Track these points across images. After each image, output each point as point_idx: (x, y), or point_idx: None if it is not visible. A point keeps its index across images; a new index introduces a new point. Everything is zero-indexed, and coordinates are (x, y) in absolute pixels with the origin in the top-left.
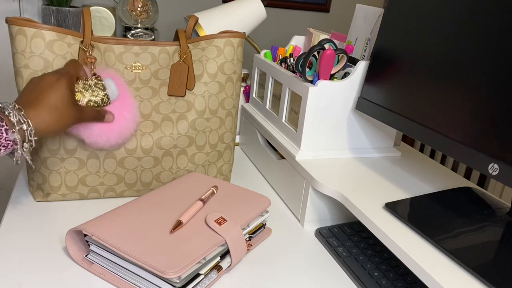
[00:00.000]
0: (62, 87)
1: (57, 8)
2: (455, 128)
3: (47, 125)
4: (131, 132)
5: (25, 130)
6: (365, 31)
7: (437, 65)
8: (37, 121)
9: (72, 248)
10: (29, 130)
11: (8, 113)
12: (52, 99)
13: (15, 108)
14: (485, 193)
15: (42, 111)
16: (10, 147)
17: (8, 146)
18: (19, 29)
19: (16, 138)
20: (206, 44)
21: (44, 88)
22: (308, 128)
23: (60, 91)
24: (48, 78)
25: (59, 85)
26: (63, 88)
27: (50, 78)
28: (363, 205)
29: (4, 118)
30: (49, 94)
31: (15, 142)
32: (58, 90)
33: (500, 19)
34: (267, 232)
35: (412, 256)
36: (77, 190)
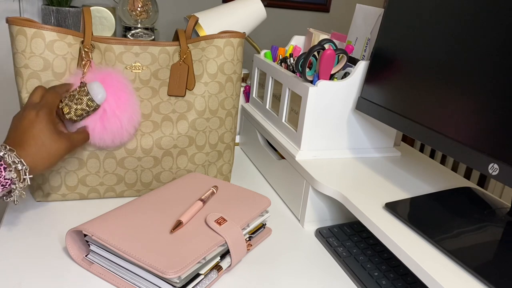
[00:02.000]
0: (42, 122)
1: (57, 8)
2: (455, 128)
3: (38, 162)
4: (128, 131)
5: (20, 170)
6: (365, 31)
7: (437, 65)
8: (29, 160)
9: (72, 248)
10: (24, 169)
11: (3, 155)
12: (36, 137)
13: (6, 149)
14: (485, 193)
15: (31, 150)
16: (8, 186)
17: (6, 185)
18: (19, 29)
19: (13, 177)
20: (206, 44)
21: (26, 127)
22: (308, 128)
23: (41, 127)
24: (26, 116)
25: (38, 121)
26: (43, 123)
27: (29, 115)
28: (363, 205)
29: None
30: (32, 133)
31: (12, 181)
32: (38, 126)
33: (500, 18)
34: (267, 232)
35: (412, 256)
36: (77, 190)
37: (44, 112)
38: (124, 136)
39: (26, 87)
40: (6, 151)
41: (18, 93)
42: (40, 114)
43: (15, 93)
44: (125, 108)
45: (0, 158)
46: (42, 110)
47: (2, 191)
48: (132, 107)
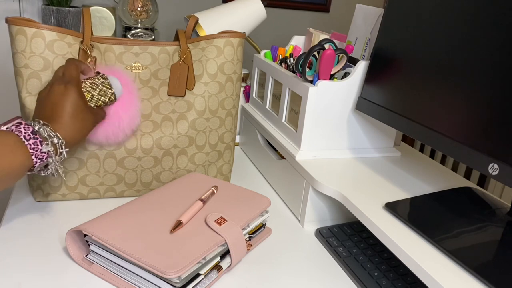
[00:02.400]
0: (72, 95)
1: (57, 8)
2: (455, 128)
3: (72, 135)
4: (125, 132)
5: (56, 144)
6: (365, 31)
7: (437, 65)
8: (64, 133)
9: (72, 248)
10: (60, 142)
11: (38, 128)
12: (68, 110)
13: (41, 123)
14: (485, 193)
15: (64, 123)
16: (45, 159)
17: (43, 158)
18: (19, 29)
19: (50, 151)
20: (206, 44)
21: (56, 101)
22: (308, 128)
23: (72, 99)
24: (55, 90)
25: (69, 94)
26: (73, 96)
27: (58, 89)
28: (363, 205)
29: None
30: (64, 105)
31: (49, 154)
32: (69, 99)
33: (500, 18)
34: (267, 232)
35: (412, 256)
36: (77, 190)
37: (72, 84)
38: (119, 136)
39: (26, 87)
40: (41, 125)
41: (18, 93)
42: (68, 87)
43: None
44: (128, 108)
45: (36, 132)
46: (70, 83)
47: (39, 164)
48: (134, 107)
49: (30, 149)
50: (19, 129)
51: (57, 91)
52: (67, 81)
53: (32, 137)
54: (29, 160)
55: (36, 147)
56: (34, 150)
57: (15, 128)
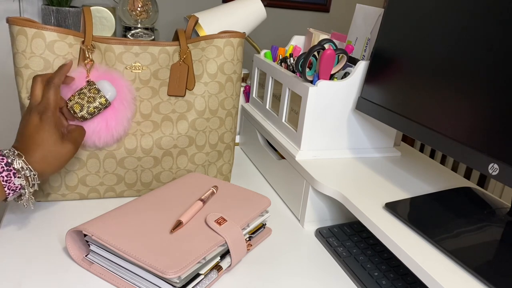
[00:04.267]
0: (46, 128)
1: (57, 8)
2: (455, 128)
3: (46, 167)
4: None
5: (29, 176)
6: (365, 31)
7: (437, 65)
8: (37, 166)
9: (72, 248)
10: (32, 175)
11: (11, 160)
12: (41, 143)
13: (15, 154)
14: (485, 193)
15: (37, 157)
16: (18, 190)
17: (16, 189)
18: (20, 29)
19: (22, 184)
20: (206, 44)
21: (31, 133)
22: (308, 128)
23: (46, 133)
24: (31, 121)
25: (43, 128)
26: (48, 129)
27: (33, 120)
28: (363, 205)
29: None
30: (37, 139)
31: (22, 186)
32: (44, 133)
33: (500, 18)
34: (267, 232)
35: (412, 256)
36: (77, 190)
37: (47, 116)
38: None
39: (26, 87)
40: (14, 156)
41: (18, 93)
42: (43, 119)
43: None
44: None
45: (9, 164)
46: (45, 114)
47: (12, 195)
48: (123, 113)
49: (3, 181)
50: None
51: (32, 122)
52: (42, 111)
53: (5, 169)
54: (2, 191)
55: (9, 179)
56: (7, 183)
57: None
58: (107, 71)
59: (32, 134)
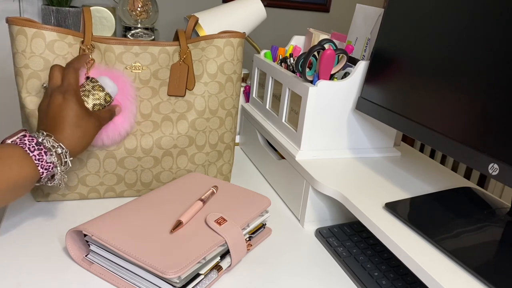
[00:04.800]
0: (71, 105)
1: (57, 8)
2: (455, 128)
3: (76, 144)
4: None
5: (60, 154)
6: (365, 31)
7: (437, 65)
8: (67, 143)
9: (72, 248)
10: (64, 152)
11: (41, 140)
12: (68, 120)
13: (44, 134)
14: (485, 193)
15: (67, 133)
16: (51, 169)
17: (50, 168)
18: (19, 29)
19: (55, 161)
20: (206, 44)
21: (56, 113)
22: (308, 128)
23: (71, 109)
24: (54, 101)
25: (68, 105)
26: (72, 105)
27: (56, 100)
28: (363, 205)
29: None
30: (63, 116)
31: (54, 164)
32: (69, 109)
33: (500, 18)
34: (267, 232)
35: (412, 256)
36: (77, 190)
37: (70, 94)
38: (115, 139)
39: (26, 87)
40: (44, 137)
41: (18, 93)
42: (66, 97)
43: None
44: (132, 105)
45: (40, 143)
46: (68, 93)
47: (46, 174)
48: (129, 111)
49: (35, 160)
50: (24, 141)
51: (55, 102)
52: (65, 90)
53: (36, 148)
54: (36, 171)
55: (41, 158)
56: (40, 161)
57: (20, 141)
58: (108, 69)
59: (58, 113)
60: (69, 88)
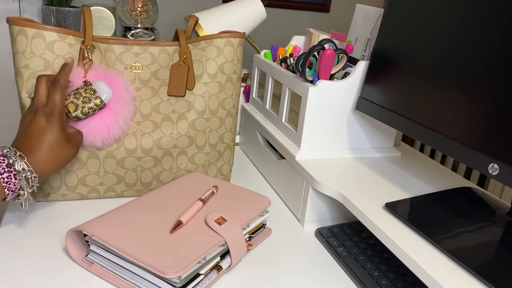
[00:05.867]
0: (53, 130)
1: (57, 8)
2: (455, 128)
3: (47, 169)
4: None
5: (29, 178)
6: (365, 31)
7: (437, 65)
8: (39, 168)
9: (72, 248)
10: (33, 177)
11: (13, 161)
12: (46, 144)
13: (16, 154)
14: (485, 193)
15: (42, 158)
16: (17, 190)
17: (16, 190)
18: (20, 29)
19: (23, 185)
20: (206, 44)
21: (37, 134)
22: (308, 128)
23: (53, 135)
24: (37, 122)
25: (50, 129)
26: (55, 131)
27: (39, 122)
28: (363, 205)
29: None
30: (42, 140)
31: (21, 187)
32: (51, 134)
33: (500, 18)
34: (267, 232)
35: (412, 256)
36: (77, 190)
37: (54, 118)
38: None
39: (26, 87)
40: (16, 158)
41: (18, 93)
42: (50, 121)
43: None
44: (123, 109)
45: (10, 165)
46: (52, 117)
47: (11, 196)
48: (128, 108)
49: (3, 182)
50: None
51: (38, 123)
52: (50, 113)
53: (6, 170)
54: (2, 192)
55: (10, 181)
56: (7, 184)
57: None
58: (106, 71)
59: (38, 136)
60: (54, 111)
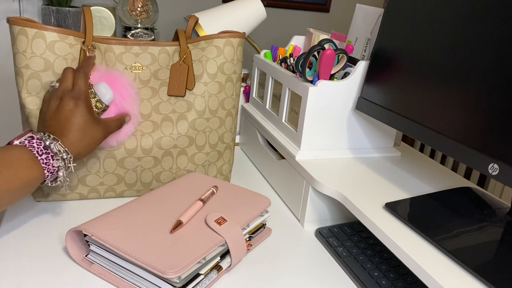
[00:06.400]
0: (82, 112)
1: (57, 8)
2: (455, 128)
3: (81, 150)
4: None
5: (65, 159)
6: (365, 31)
7: (437, 65)
8: (73, 149)
9: (72, 248)
10: (69, 157)
11: (49, 144)
12: (77, 126)
13: (51, 137)
14: (485, 193)
15: (74, 139)
16: (55, 172)
17: (54, 172)
18: (20, 29)
19: (60, 165)
20: (206, 44)
21: (67, 117)
22: (308, 128)
23: (82, 116)
24: (65, 106)
25: (79, 111)
26: (83, 112)
27: (67, 105)
28: (363, 205)
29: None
30: (73, 122)
31: (59, 168)
32: (80, 116)
33: (500, 18)
34: (267, 232)
35: (412, 256)
36: (77, 190)
37: (81, 100)
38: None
39: (27, 87)
40: (51, 140)
41: (18, 93)
42: (79, 104)
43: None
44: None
45: (47, 147)
46: (79, 99)
47: (50, 177)
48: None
49: (43, 163)
50: (32, 144)
51: (66, 107)
52: (77, 96)
53: (44, 152)
54: (42, 174)
55: (48, 162)
56: (47, 165)
57: (28, 142)
58: (108, 71)
59: (68, 118)
60: (81, 94)
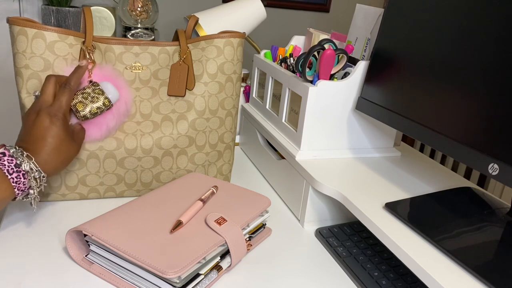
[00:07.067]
0: (58, 131)
1: (57, 8)
2: (455, 128)
3: (54, 167)
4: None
5: (38, 178)
6: (365, 31)
7: (437, 65)
8: (48, 168)
9: (72, 248)
10: (41, 176)
11: (20, 162)
12: (51, 144)
13: (24, 155)
14: (485, 193)
15: (49, 158)
16: (26, 190)
17: (25, 190)
18: (20, 30)
19: (32, 184)
20: (206, 44)
21: (42, 135)
22: (308, 128)
23: (58, 136)
24: (40, 122)
25: (54, 130)
26: (59, 131)
27: (43, 122)
28: (363, 205)
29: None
30: (48, 141)
31: (31, 187)
32: (56, 135)
33: (500, 18)
34: (267, 232)
35: (412, 256)
36: (77, 190)
37: (58, 119)
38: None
39: (26, 87)
40: (23, 158)
41: (18, 93)
42: (54, 122)
43: (15, 93)
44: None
45: (19, 165)
46: (56, 117)
47: (21, 195)
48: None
49: (13, 182)
50: (3, 161)
51: (41, 124)
52: (54, 113)
53: (15, 170)
54: (12, 192)
55: (19, 180)
56: (17, 184)
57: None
58: (111, 72)
59: (44, 137)
60: (59, 112)
